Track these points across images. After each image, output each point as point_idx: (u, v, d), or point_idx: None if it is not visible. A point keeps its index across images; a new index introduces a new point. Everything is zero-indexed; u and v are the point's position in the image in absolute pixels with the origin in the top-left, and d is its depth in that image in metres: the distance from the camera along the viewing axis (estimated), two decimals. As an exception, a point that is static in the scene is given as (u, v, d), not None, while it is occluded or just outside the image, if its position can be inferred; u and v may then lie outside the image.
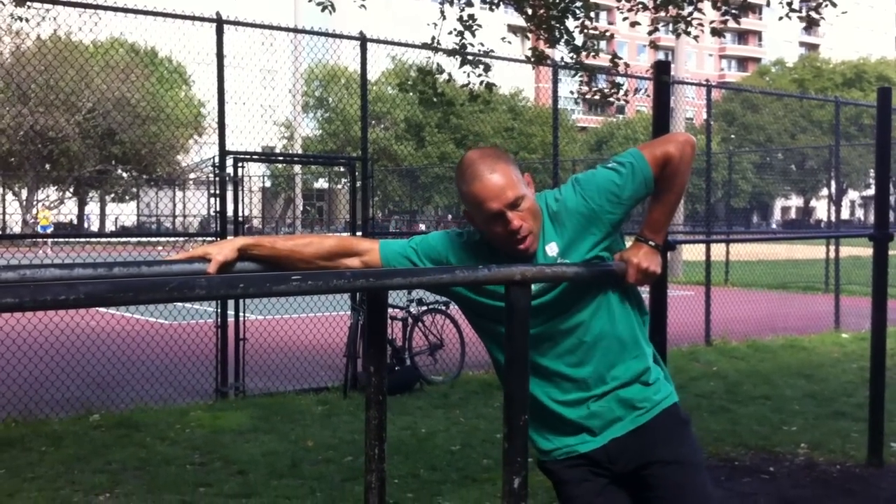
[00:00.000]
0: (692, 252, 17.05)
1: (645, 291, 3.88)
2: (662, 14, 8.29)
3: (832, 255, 14.56)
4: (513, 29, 57.68)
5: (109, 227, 42.38)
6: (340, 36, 8.83)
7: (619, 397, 2.67)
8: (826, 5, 7.68)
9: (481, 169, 2.56)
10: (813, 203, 67.15)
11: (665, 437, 2.69)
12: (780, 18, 7.96)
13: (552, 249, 2.64)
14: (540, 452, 2.79)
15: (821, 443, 6.11)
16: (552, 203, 2.69)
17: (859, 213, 70.47)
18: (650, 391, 2.70)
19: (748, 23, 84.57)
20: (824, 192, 52.92)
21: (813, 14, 7.90)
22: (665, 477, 2.66)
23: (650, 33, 8.44)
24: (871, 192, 50.69)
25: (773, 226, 64.85)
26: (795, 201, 72.60)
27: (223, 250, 2.48)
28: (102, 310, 11.93)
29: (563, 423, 2.68)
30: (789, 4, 7.75)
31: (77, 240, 22.86)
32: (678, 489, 2.65)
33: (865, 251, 7.33)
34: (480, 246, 2.70)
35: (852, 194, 65.09)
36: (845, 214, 52.81)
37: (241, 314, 7.79)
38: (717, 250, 18.17)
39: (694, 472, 2.70)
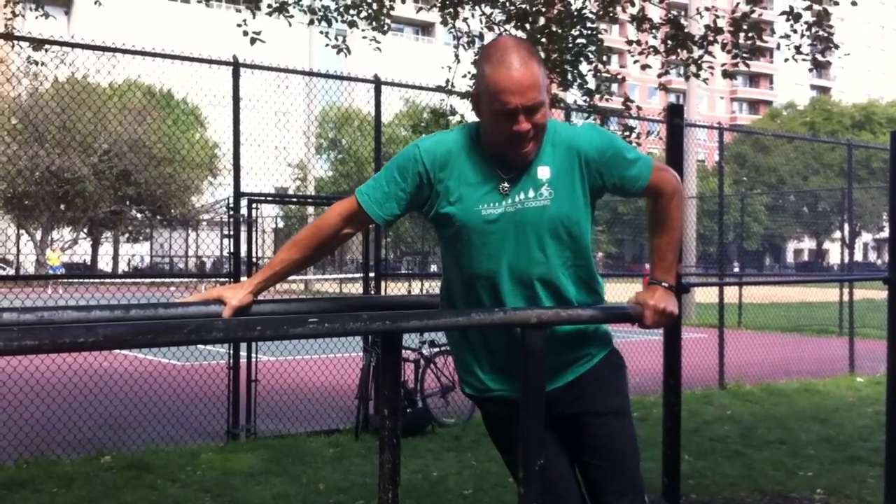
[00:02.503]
0: (705, 294, 16.99)
1: (658, 334, 3.87)
2: (673, 57, 8.36)
3: (846, 297, 14.50)
4: (525, 72, 57.96)
5: (123, 267, 42.55)
6: (355, 79, 8.91)
7: (564, 353, 2.73)
8: (832, 48, 7.74)
9: (513, 58, 2.47)
10: (826, 245, 66.95)
11: (601, 387, 2.79)
12: (786, 60, 8.02)
13: (544, 173, 2.61)
14: (475, 389, 2.82)
15: (837, 488, 6.05)
16: (561, 130, 2.67)
17: (872, 255, 70.19)
18: (592, 343, 2.78)
19: (759, 66, 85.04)
20: (837, 234, 52.78)
21: (819, 56, 7.96)
22: (599, 425, 2.78)
23: (660, 76, 8.50)
24: (884, 234, 50.50)
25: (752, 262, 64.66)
26: (808, 243, 72.40)
27: (238, 295, 2.51)
28: (116, 350, 11.94)
29: (507, 370, 2.69)
30: (797, 48, 7.81)
31: (91, 280, 22.98)
32: (609, 437, 2.79)
33: (879, 294, 7.30)
34: (458, 153, 2.62)
35: (865, 237, 64.91)
36: (858, 257, 52.63)
37: (253, 355, 7.79)
38: (730, 293, 18.11)
39: (623, 420, 2.85)
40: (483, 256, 2.62)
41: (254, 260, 8.19)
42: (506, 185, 2.59)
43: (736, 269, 21.04)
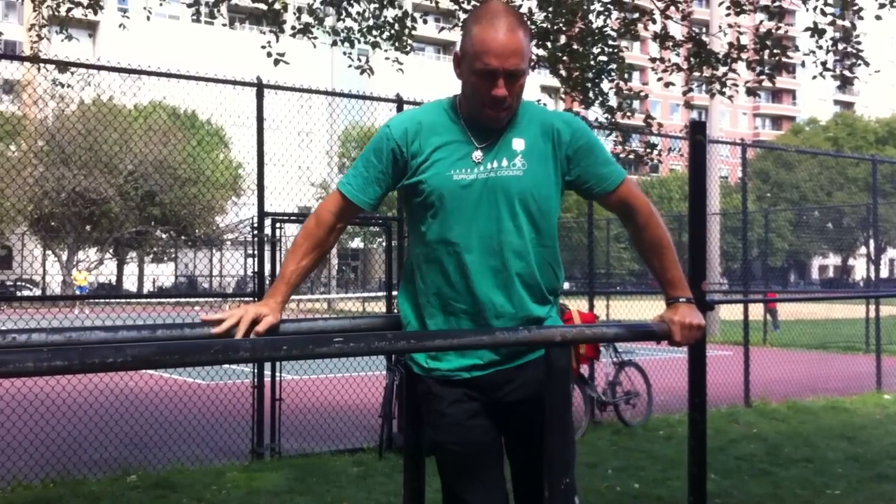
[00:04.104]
0: (729, 311, 16.89)
1: (683, 352, 3.85)
2: (696, 74, 8.36)
3: (872, 314, 14.37)
4: (546, 90, 58.17)
5: (148, 287, 42.85)
6: (378, 98, 8.97)
7: None
8: (859, 64, 7.71)
9: (502, 22, 2.49)
10: (851, 261, 66.40)
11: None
12: (814, 78, 7.99)
13: (518, 144, 2.62)
14: (418, 367, 2.74)
15: (866, 507, 5.99)
16: (538, 108, 2.70)
17: (899, 271, 69.50)
18: None
19: (782, 82, 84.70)
20: (863, 250, 52.34)
21: (846, 73, 7.93)
22: (543, 415, 2.66)
23: (685, 93, 8.49)
24: (910, 250, 50.08)
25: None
26: (833, 260, 71.85)
27: (273, 313, 2.51)
28: (142, 370, 12.00)
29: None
30: (823, 64, 7.79)
31: (117, 300, 23.15)
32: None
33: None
34: (430, 123, 2.63)
35: (891, 252, 64.31)
36: (884, 273, 52.17)
37: (277, 374, 7.81)
38: (755, 310, 17.99)
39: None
40: (453, 222, 2.60)
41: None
42: (479, 153, 2.60)
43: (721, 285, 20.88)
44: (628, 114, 8.65)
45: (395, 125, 2.64)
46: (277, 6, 8.16)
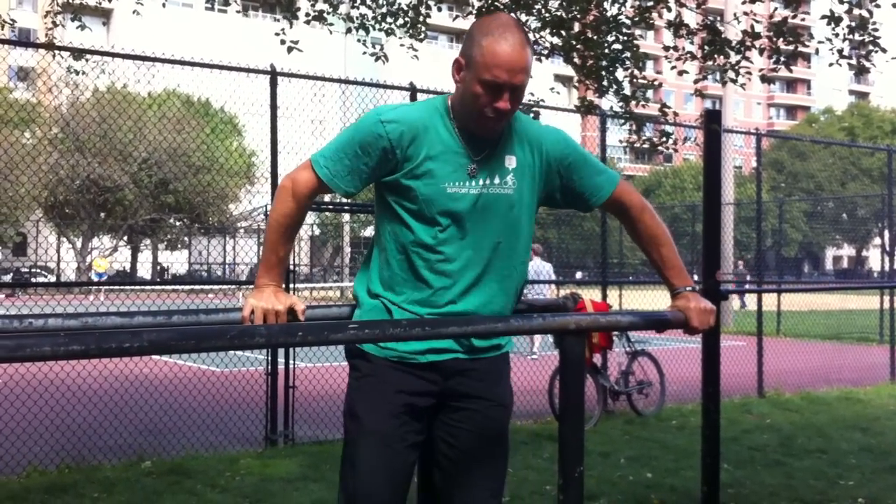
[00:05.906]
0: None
1: (696, 342, 3.84)
2: (710, 63, 8.31)
3: (886, 305, 14.31)
4: (560, 78, 57.96)
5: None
6: (391, 87, 8.95)
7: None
8: (876, 51, 7.65)
9: (513, 38, 2.49)
10: (866, 252, 66.08)
11: (501, 379, 2.75)
12: (831, 65, 7.92)
13: (511, 161, 2.64)
14: (394, 352, 2.66)
15: (878, 498, 5.96)
16: (528, 124, 2.71)
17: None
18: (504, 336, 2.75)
19: (797, 71, 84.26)
20: (877, 241, 52.06)
21: (863, 61, 7.86)
22: (491, 415, 2.69)
23: (697, 81, 8.45)
24: (926, 240, 49.73)
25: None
26: (847, 250, 71.52)
27: (300, 302, 2.54)
28: (156, 356, 12.06)
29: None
30: (840, 52, 7.73)
31: (131, 287, 23.19)
32: (498, 430, 2.71)
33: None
34: (426, 128, 2.59)
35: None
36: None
37: (290, 361, 7.83)
38: (769, 300, 17.93)
39: (508, 421, 2.78)
40: (439, 231, 2.59)
41: (290, 267, 8.23)
42: (474, 166, 2.60)
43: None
44: (643, 103, 8.61)
45: (389, 123, 2.56)
46: (291, -6, 8.15)
